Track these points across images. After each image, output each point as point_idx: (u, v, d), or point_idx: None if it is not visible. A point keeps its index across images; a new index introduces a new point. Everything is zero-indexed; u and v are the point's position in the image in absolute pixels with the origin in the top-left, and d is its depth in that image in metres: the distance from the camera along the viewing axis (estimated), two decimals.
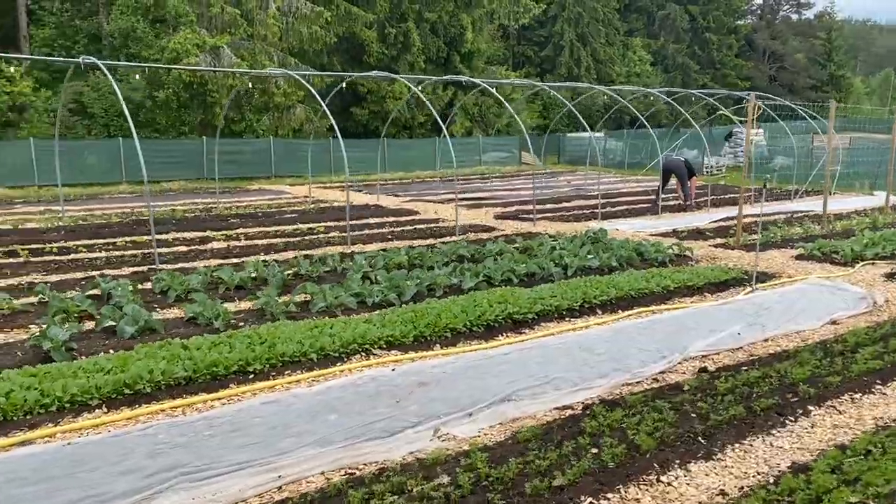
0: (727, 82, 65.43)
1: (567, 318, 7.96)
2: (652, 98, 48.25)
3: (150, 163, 25.64)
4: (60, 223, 14.55)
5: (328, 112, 13.83)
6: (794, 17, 77.93)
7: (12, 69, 21.22)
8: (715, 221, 16.33)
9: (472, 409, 5.29)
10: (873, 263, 11.41)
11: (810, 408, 5.49)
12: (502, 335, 7.28)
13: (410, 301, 8.23)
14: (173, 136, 26.89)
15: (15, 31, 31.22)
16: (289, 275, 9.38)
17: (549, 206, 18.85)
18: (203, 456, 4.37)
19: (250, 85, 25.22)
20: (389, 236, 13.41)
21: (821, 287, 9.51)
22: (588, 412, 5.24)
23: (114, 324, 6.78)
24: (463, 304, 7.54)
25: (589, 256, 10.58)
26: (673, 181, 20.11)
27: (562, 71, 52.19)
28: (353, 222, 15.27)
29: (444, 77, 22.12)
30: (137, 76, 22.82)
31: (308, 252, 11.46)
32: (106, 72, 11.92)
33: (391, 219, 15.97)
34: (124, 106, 11.61)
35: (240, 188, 24.06)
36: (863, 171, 25.48)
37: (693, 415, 5.19)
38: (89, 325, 7.14)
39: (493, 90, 19.87)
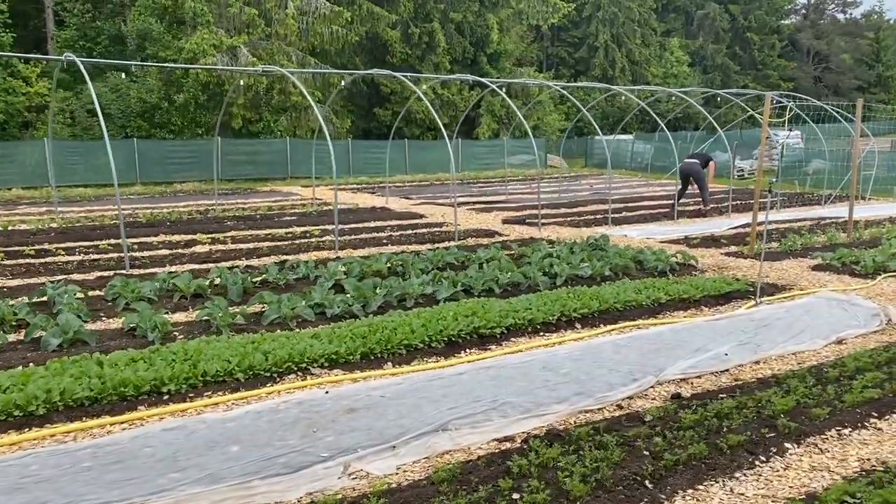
0: (769, 83, 63.70)
1: (542, 333, 7.33)
2: (687, 100, 47.30)
3: (164, 164, 25.83)
4: (53, 225, 14.30)
5: (315, 113, 13.32)
6: (840, 16, 75.69)
7: (28, 70, 21.15)
8: (734, 228, 15.49)
9: (398, 440, 4.71)
10: None
11: (787, 445, 4.80)
12: (465, 352, 6.69)
13: (377, 312, 7.68)
14: (188, 136, 26.73)
15: (43, 33, 31.49)
16: (256, 282, 8.89)
17: (563, 210, 18.17)
18: (64, 494, 3.85)
19: (252, 82, 24.89)
20: (385, 241, 12.88)
21: (831, 302, 8.72)
22: (525, 446, 4.63)
23: (43, 334, 6.34)
24: (427, 317, 6.96)
25: (583, 265, 9.91)
26: (693, 186, 19.28)
27: (596, 72, 51.27)
28: (353, 226, 14.79)
29: (459, 76, 21.50)
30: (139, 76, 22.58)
31: (289, 257, 10.97)
32: (83, 70, 11.57)
33: (394, 222, 15.44)
34: (97, 103, 11.25)
35: (251, 189, 23.77)
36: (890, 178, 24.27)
37: (646, 452, 4.54)
38: (21, 335, 6.71)
39: (499, 91, 19.22)
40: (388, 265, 9.75)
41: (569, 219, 16.19)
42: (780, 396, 5.49)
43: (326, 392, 5.49)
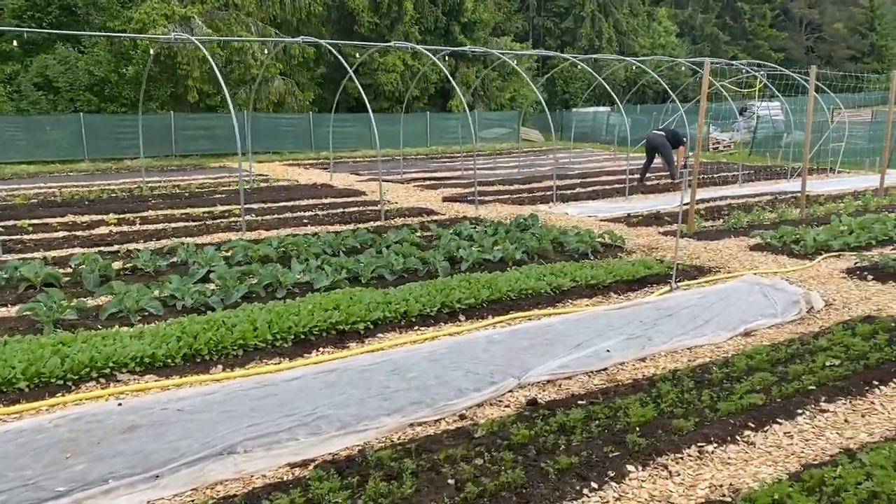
0: (760, 54, 62.47)
1: (417, 328, 6.60)
2: (676, 69, 46.14)
3: (115, 139, 24.89)
4: None
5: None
6: None
7: None
8: (687, 204, 14.69)
9: (166, 468, 3.99)
10: (839, 255, 9.84)
11: (630, 468, 4.09)
12: (317, 351, 5.96)
13: (241, 303, 6.93)
14: (142, 111, 25.75)
15: None
16: (124, 269, 8.14)
17: (515, 186, 17.38)
18: None
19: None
20: (306, 221, 12.12)
21: (753, 287, 7.99)
22: (304, 476, 3.91)
23: None
24: (279, 312, 6.22)
25: (495, 248, 9.17)
26: (659, 159, 18.51)
27: (582, 43, 50.09)
28: (282, 204, 14.02)
29: (431, 47, 20.56)
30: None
31: (189, 239, 10.22)
32: None
33: (328, 200, 14.67)
34: None
35: (200, 166, 22.90)
36: (877, 148, 23.42)
37: (450, 482, 3.83)
38: None
39: (473, 62, 18.31)
40: (281, 249, 9.00)
41: (515, 196, 15.41)
42: (642, 405, 4.77)
43: (120, 404, 4.77)
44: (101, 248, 9.68)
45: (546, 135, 37.80)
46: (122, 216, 12.28)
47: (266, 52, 24.25)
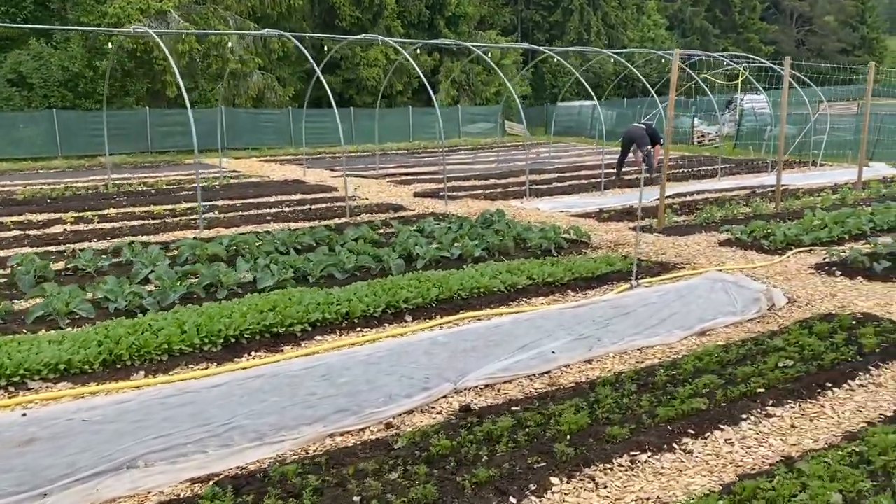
0: (750, 47, 62.23)
1: (360, 329, 6.34)
2: (664, 62, 45.80)
3: (89, 135, 24.49)
4: None
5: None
6: None
7: None
8: (657, 199, 14.44)
9: (57, 484, 3.73)
10: (810, 251, 9.62)
11: (554, 480, 3.85)
12: (249, 355, 5.69)
13: (178, 305, 6.66)
14: (118, 106, 25.44)
15: None
16: (65, 269, 7.86)
17: (490, 181, 17.10)
18: None
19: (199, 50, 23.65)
20: (269, 218, 11.84)
21: (716, 284, 7.75)
22: (199, 494, 3.65)
23: None
24: (211, 314, 5.95)
25: (455, 246, 8.91)
26: (632, 155, 18.27)
27: (571, 36, 49.76)
28: (249, 201, 13.75)
29: (408, 40, 20.30)
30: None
31: (152, 238, 9.95)
32: None
33: (297, 197, 14.37)
34: None
35: (175, 162, 22.56)
36: (859, 141, 23.21)
37: (355, 499, 3.57)
38: None
39: (457, 56, 18.05)
40: (233, 247, 8.72)
41: (487, 191, 15.15)
42: (576, 411, 4.53)
43: (24, 415, 4.50)
44: (50, 248, 9.40)
45: (533, 129, 37.55)
46: (80, 214, 11.98)
47: (230, 46, 23.86)
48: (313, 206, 13.05)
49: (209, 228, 10.77)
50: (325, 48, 18.28)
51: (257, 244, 8.71)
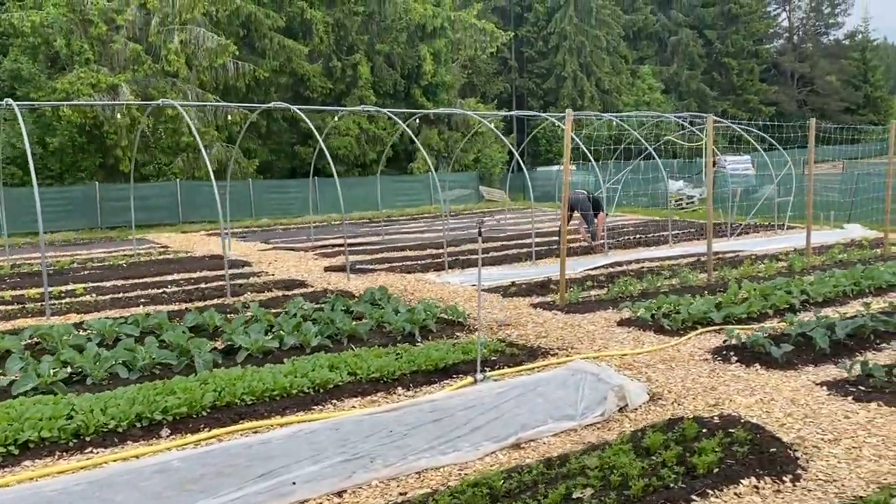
0: (749, 108, 61.91)
1: (89, 450, 5.16)
2: (663, 125, 45.02)
3: (35, 213, 23.82)
4: None
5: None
6: (824, 38, 73.85)
7: None
8: (597, 268, 13.35)
9: None
10: (719, 330, 8.40)
11: None
12: None
13: None
14: (70, 182, 24.88)
15: None
16: None
17: (426, 252, 16.04)
18: None
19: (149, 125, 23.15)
20: (142, 301, 10.80)
21: (571, 377, 6.53)
22: None
23: None
24: None
25: (294, 333, 7.79)
26: (576, 221, 17.28)
27: (564, 103, 49.45)
28: (139, 280, 12.73)
29: (386, 109, 19.60)
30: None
31: None
32: None
33: (197, 274, 13.36)
34: None
35: (117, 238, 21.72)
36: (834, 202, 22.05)
37: None
38: None
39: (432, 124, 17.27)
40: (34, 340, 7.63)
41: (407, 263, 14.08)
42: None
43: None
44: None
45: (513, 195, 36.66)
46: None
47: (187, 122, 23.39)
48: (204, 285, 12.03)
49: (58, 315, 9.73)
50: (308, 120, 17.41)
51: (65, 336, 7.60)
